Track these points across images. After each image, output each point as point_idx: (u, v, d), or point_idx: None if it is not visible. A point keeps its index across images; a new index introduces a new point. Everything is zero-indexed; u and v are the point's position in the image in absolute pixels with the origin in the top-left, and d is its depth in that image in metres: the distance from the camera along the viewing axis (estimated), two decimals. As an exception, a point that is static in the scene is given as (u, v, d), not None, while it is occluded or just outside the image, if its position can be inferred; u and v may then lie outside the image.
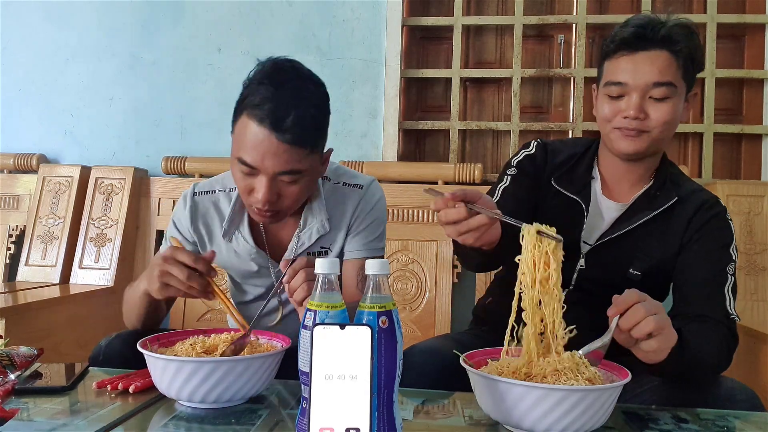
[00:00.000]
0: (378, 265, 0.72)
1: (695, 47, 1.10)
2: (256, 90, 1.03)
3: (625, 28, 1.10)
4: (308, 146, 1.03)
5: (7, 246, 2.25)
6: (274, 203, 1.06)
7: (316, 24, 2.29)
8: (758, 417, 0.90)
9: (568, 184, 1.20)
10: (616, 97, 1.10)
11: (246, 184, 1.06)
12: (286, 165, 1.02)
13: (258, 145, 1.01)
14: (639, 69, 1.07)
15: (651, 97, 1.08)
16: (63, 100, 2.42)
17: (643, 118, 1.08)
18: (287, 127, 0.99)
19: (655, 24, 1.08)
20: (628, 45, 1.09)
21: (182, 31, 2.37)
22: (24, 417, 0.81)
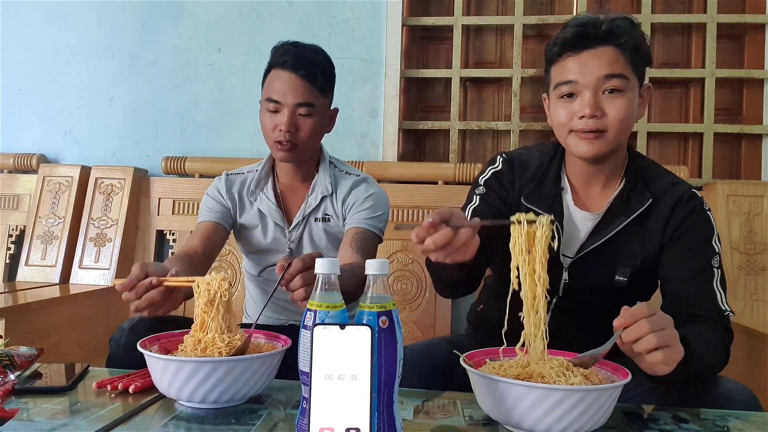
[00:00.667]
0: (378, 265, 0.72)
1: (640, 39, 1.07)
2: (278, 50, 1.34)
3: (566, 30, 1.08)
4: (318, 83, 1.31)
5: (7, 246, 2.25)
6: (293, 134, 1.31)
7: (316, 24, 2.29)
8: (758, 417, 0.90)
9: (538, 200, 1.16)
10: (568, 96, 1.08)
11: (272, 121, 1.32)
12: (302, 97, 1.30)
13: (281, 83, 1.31)
14: (587, 66, 1.05)
15: (605, 92, 1.05)
16: (63, 100, 2.42)
17: (600, 116, 1.05)
18: (303, 65, 1.30)
19: (596, 21, 1.06)
20: (572, 45, 1.06)
21: (182, 31, 2.37)
22: (24, 417, 0.81)
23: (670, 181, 1.16)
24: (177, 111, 2.37)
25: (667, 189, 1.13)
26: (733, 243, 1.94)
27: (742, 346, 1.58)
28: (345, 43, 2.28)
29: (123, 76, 2.40)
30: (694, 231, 1.10)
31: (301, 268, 0.94)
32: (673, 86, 2.29)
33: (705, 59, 2.20)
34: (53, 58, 2.43)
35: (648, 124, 2.23)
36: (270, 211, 1.42)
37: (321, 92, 1.33)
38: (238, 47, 2.34)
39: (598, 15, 1.07)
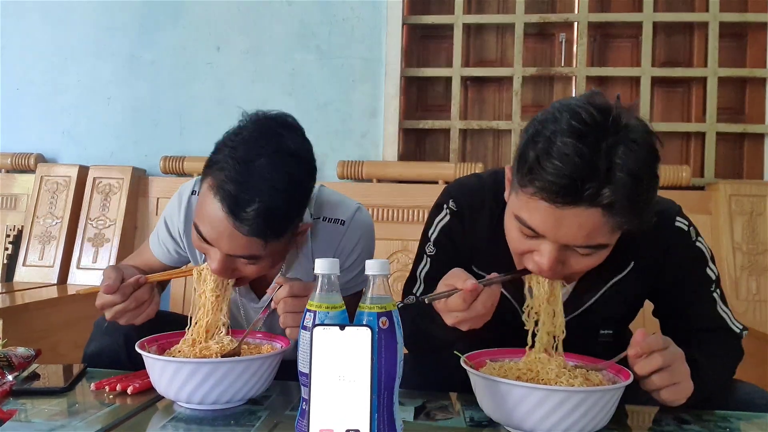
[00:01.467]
0: (378, 266, 0.71)
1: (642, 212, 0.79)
2: (225, 158, 0.91)
3: (548, 172, 0.76)
4: (269, 237, 0.92)
5: (5, 246, 2.25)
6: (230, 275, 0.98)
7: (316, 23, 2.29)
8: (760, 418, 0.90)
9: (493, 264, 0.93)
10: (529, 236, 0.85)
11: (201, 248, 0.97)
12: (242, 250, 0.93)
13: (214, 224, 0.91)
14: (562, 226, 0.79)
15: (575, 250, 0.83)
16: (61, 100, 2.42)
17: (559, 269, 0.84)
18: (247, 216, 0.88)
19: (593, 180, 0.75)
20: (551, 198, 0.78)
21: (181, 30, 2.36)
22: (22, 418, 0.81)
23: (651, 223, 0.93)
24: (176, 110, 2.36)
25: (650, 239, 0.94)
26: (735, 243, 1.93)
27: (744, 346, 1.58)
28: (345, 42, 2.27)
29: (121, 76, 2.39)
30: (687, 272, 1.00)
31: (287, 294, 0.90)
32: (675, 85, 2.28)
33: (707, 58, 2.20)
34: (52, 58, 2.42)
35: (650, 124, 2.22)
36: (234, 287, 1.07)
37: (275, 239, 0.93)
38: (237, 46, 2.33)
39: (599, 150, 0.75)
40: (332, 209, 1.13)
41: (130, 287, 0.96)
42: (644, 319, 1.80)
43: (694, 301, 1.02)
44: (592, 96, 0.81)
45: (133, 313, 0.99)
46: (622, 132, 0.77)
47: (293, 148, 0.93)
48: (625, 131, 0.77)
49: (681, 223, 0.99)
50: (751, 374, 1.54)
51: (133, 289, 0.97)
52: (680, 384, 0.81)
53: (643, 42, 2.21)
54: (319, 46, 2.29)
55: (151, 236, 1.24)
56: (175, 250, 1.18)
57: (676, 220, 0.99)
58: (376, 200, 2.03)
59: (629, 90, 2.29)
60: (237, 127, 0.96)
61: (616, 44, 2.31)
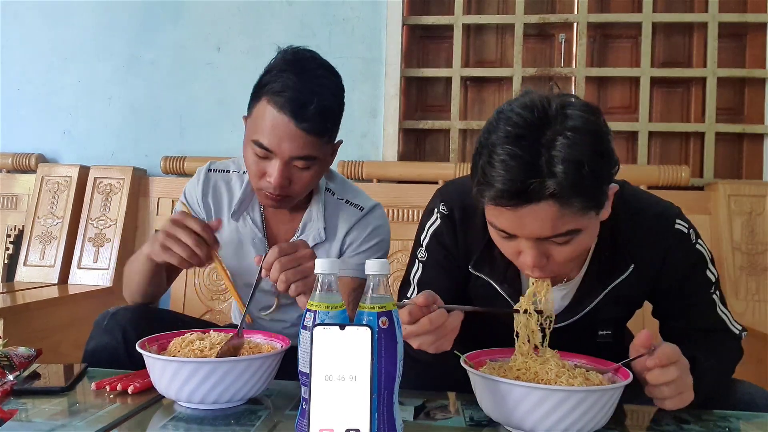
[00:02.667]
0: (378, 266, 0.71)
1: (595, 189, 0.79)
2: (277, 76, 1.04)
3: (495, 180, 0.78)
4: (325, 135, 1.07)
5: (6, 246, 2.25)
6: (285, 188, 1.08)
7: (316, 23, 2.29)
8: (760, 418, 0.90)
9: (490, 270, 0.98)
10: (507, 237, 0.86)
11: (259, 167, 1.08)
12: (302, 150, 1.04)
13: (276, 130, 1.03)
14: (526, 224, 0.81)
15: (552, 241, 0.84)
16: (61, 100, 2.42)
17: (545, 263, 0.86)
18: (308, 115, 1.02)
19: (534, 177, 0.76)
20: (502, 203, 0.80)
21: (181, 30, 2.36)
22: (22, 418, 0.81)
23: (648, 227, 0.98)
24: (176, 110, 2.37)
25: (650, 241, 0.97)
26: (734, 243, 1.93)
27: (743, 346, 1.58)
28: (345, 43, 2.27)
29: (122, 76, 2.39)
30: (687, 275, 1.00)
31: (277, 255, 0.93)
32: (674, 86, 2.29)
33: (706, 58, 2.20)
34: (52, 58, 2.42)
35: (649, 124, 2.22)
36: (253, 238, 1.22)
37: (327, 141, 1.09)
38: (237, 46, 2.33)
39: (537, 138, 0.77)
40: (355, 195, 1.26)
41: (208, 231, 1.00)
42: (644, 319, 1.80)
43: (694, 303, 1.02)
44: (524, 95, 0.83)
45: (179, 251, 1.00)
46: (558, 125, 0.78)
47: (328, 65, 1.12)
48: (562, 124, 0.78)
49: (681, 226, 0.99)
50: (751, 374, 1.54)
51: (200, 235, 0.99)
52: (684, 393, 0.83)
53: (642, 42, 2.21)
54: (320, 46, 2.27)
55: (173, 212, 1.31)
56: None
57: (676, 222, 0.99)
58: (375, 200, 2.03)
59: (629, 90, 2.30)
60: (276, 57, 1.10)
61: (615, 44, 2.32)
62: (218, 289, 2.11)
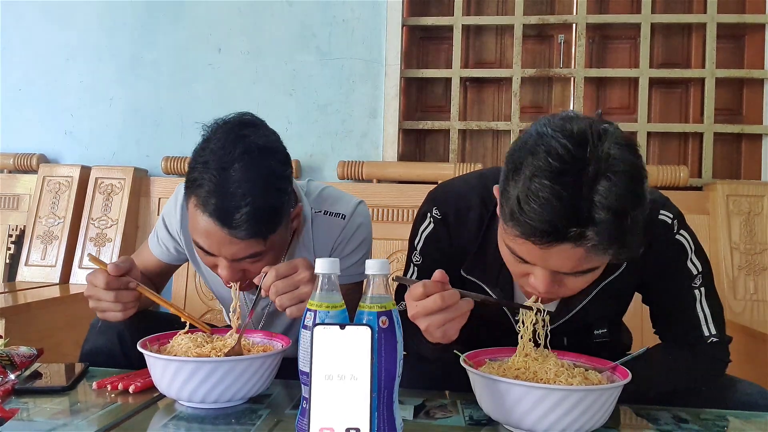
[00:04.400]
0: (378, 265, 0.72)
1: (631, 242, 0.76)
2: (201, 172, 0.92)
3: (528, 217, 0.74)
4: (267, 235, 0.95)
5: (7, 246, 2.25)
6: (241, 279, 1.00)
7: (316, 24, 2.29)
8: (759, 417, 0.90)
9: (482, 273, 0.97)
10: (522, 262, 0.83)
11: (208, 261, 1.00)
12: (244, 252, 0.95)
13: (212, 237, 0.94)
14: (549, 259, 0.78)
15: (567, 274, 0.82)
16: (63, 100, 2.42)
17: (556, 290, 0.84)
18: (238, 224, 0.91)
19: (573, 222, 0.73)
20: (533, 240, 0.77)
21: (182, 31, 2.37)
22: (24, 417, 0.81)
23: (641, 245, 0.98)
24: (177, 111, 2.37)
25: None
26: (733, 243, 1.94)
27: (742, 346, 1.58)
28: (345, 43, 2.28)
29: (123, 76, 2.40)
30: (666, 263, 0.99)
31: (274, 278, 0.91)
32: (673, 86, 2.29)
33: (705, 59, 2.20)
34: (53, 58, 2.43)
35: (648, 124, 2.23)
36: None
37: (272, 233, 0.97)
38: (238, 47, 2.33)
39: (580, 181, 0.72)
40: (333, 204, 1.17)
41: (116, 283, 0.96)
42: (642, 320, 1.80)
43: (673, 296, 1.00)
44: (569, 121, 0.77)
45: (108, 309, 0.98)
46: (602, 164, 0.73)
47: (261, 143, 0.95)
48: (606, 163, 0.73)
49: (665, 216, 0.98)
50: (751, 374, 1.54)
51: (118, 287, 0.97)
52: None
53: (641, 43, 2.22)
54: (320, 47, 2.29)
55: (149, 238, 1.26)
56: (174, 248, 1.21)
57: (660, 213, 0.98)
58: (376, 200, 2.03)
59: (627, 91, 2.30)
60: (202, 141, 0.96)
61: (614, 45, 2.32)
62: (210, 292, 2.11)
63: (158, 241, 1.22)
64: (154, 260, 1.23)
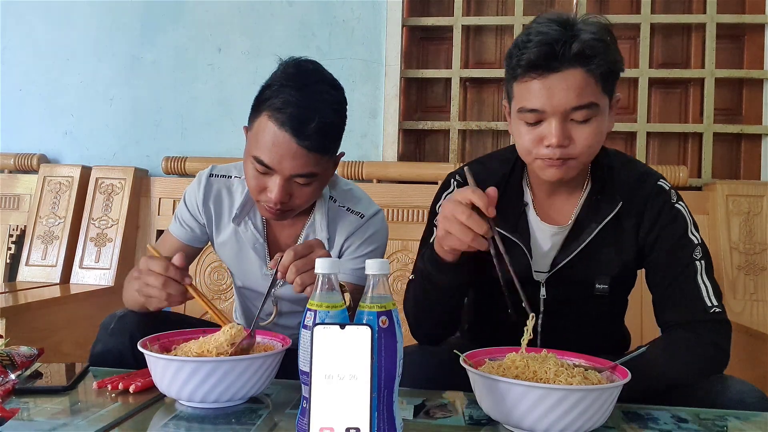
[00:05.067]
0: (378, 265, 0.72)
1: (613, 58, 0.96)
2: (278, 91, 1.03)
3: (530, 47, 0.94)
4: (326, 151, 1.06)
5: (8, 246, 2.26)
6: (286, 203, 1.08)
7: (316, 24, 2.29)
8: (759, 417, 0.90)
9: (501, 220, 1.05)
10: (533, 123, 0.98)
11: (259, 182, 1.07)
12: (303, 168, 1.04)
13: (277, 147, 1.02)
14: (554, 93, 0.94)
15: (573, 120, 0.97)
16: (63, 100, 2.42)
17: (567, 144, 0.97)
18: (309, 133, 1.01)
19: (564, 39, 0.93)
20: (537, 67, 0.94)
21: (182, 31, 2.37)
22: (24, 417, 0.81)
23: (636, 176, 1.10)
24: (177, 111, 2.37)
25: (635, 187, 1.08)
26: (732, 243, 1.94)
27: (742, 346, 1.58)
28: (345, 43, 2.28)
29: (123, 76, 2.40)
30: (668, 230, 1.06)
31: (292, 258, 0.93)
32: (672, 86, 2.29)
33: (704, 59, 2.20)
34: (53, 58, 2.43)
35: (648, 124, 2.23)
36: (254, 244, 1.22)
37: (329, 157, 1.09)
38: (238, 47, 2.34)
39: (569, 22, 0.95)
40: (356, 203, 1.25)
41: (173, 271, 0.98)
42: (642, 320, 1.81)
43: (675, 265, 1.04)
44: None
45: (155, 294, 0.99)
46: (581, 19, 0.97)
47: (331, 78, 1.10)
48: (583, 19, 0.97)
49: (663, 183, 1.09)
50: (751, 374, 1.55)
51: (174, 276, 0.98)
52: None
53: (640, 43, 2.22)
54: (320, 47, 2.29)
55: (169, 227, 1.30)
56: (198, 228, 1.26)
57: (658, 180, 1.10)
58: (376, 200, 1.99)
59: (627, 91, 2.30)
60: (277, 70, 1.09)
61: (614, 45, 2.32)
62: (219, 289, 2.12)
63: (180, 224, 1.27)
64: (176, 244, 1.26)
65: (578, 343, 0.95)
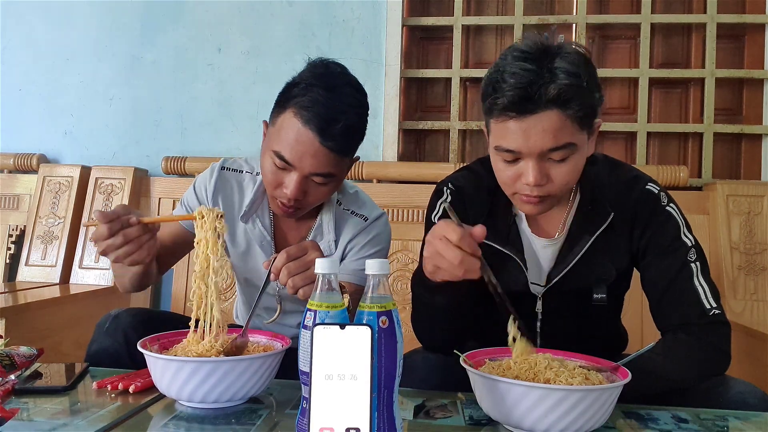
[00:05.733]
0: (378, 265, 0.72)
1: (590, 100, 0.94)
2: (306, 90, 1.03)
3: (506, 90, 0.93)
4: (347, 155, 1.08)
5: (8, 246, 2.25)
6: (300, 200, 1.08)
7: (316, 24, 2.29)
8: (759, 417, 0.90)
9: (493, 235, 1.05)
10: (511, 161, 0.98)
11: (276, 177, 1.07)
12: (323, 168, 1.05)
13: (300, 145, 1.03)
14: (530, 135, 0.93)
15: (550, 158, 0.96)
16: (63, 100, 2.42)
17: (545, 183, 0.97)
18: (334, 134, 1.02)
19: (541, 83, 0.91)
20: (513, 109, 0.93)
21: (182, 31, 2.37)
22: (24, 417, 0.81)
23: (624, 182, 1.09)
24: (177, 111, 2.37)
25: (624, 193, 1.07)
26: (732, 243, 1.94)
27: (742, 346, 1.58)
28: (345, 43, 2.28)
29: (123, 76, 2.40)
30: (660, 234, 1.05)
31: (285, 260, 0.93)
32: (672, 86, 2.29)
33: (705, 59, 2.20)
34: (53, 58, 2.43)
35: (648, 124, 2.23)
36: (261, 241, 1.22)
37: (348, 159, 1.10)
38: (238, 47, 2.34)
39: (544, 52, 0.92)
40: (360, 206, 1.26)
41: (118, 223, 0.95)
42: (642, 320, 1.80)
43: (669, 270, 1.03)
44: (528, 37, 0.97)
45: (122, 251, 0.96)
46: (558, 50, 0.93)
47: (356, 82, 1.10)
48: (560, 48, 0.94)
49: (652, 187, 1.08)
50: (750, 374, 1.55)
51: (122, 227, 0.95)
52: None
53: (641, 43, 2.22)
54: (320, 47, 2.29)
55: (174, 211, 1.29)
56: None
57: (647, 184, 1.09)
58: (376, 200, 2.00)
59: (627, 91, 2.30)
60: (305, 69, 1.09)
61: (614, 45, 2.32)
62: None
63: (185, 209, 1.26)
64: (177, 228, 1.23)
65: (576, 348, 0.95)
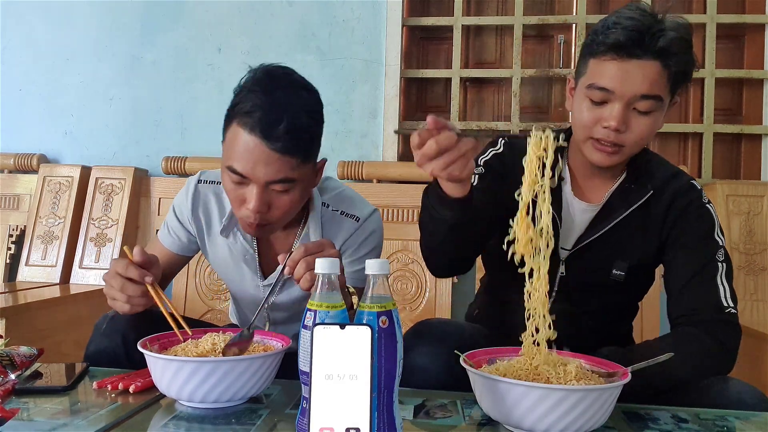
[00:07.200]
0: (378, 265, 0.72)
1: (690, 62, 1.02)
2: (246, 97, 1.01)
3: (619, 29, 0.98)
4: (300, 155, 1.01)
5: (8, 246, 2.25)
6: (264, 214, 1.04)
7: (316, 24, 2.29)
8: (759, 417, 0.90)
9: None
10: (598, 102, 1.02)
11: (237, 194, 1.04)
12: (277, 173, 1.00)
13: (248, 154, 0.98)
14: (629, 78, 0.98)
15: (635, 108, 1.01)
16: (63, 100, 2.42)
17: (624, 131, 1.01)
18: (278, 135, 0.97)
19: (653, 31, 0.97)
20: (620, 49, 0.98)
21: (182, 31, 2.37)
22: (24, 417, 0.81)
23: (671, 173, 1.14)
24: (177, 111, 2.37)
25: (667, 181, 1.12)
26: (732, 243, 1.94)
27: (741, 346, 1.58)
28: (345, 43, 2.28)
29: (123, 76, 2.40)
30: (693, 226, 1.08)
31: (303, 253, 0.92)
32: (673, 86, 2.29)
33: (705, 59, 2.20)
34: (53, 58, 2.43)
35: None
36: (244, 255, 1.19)
37: (304, 160, 1.03)
38: (238, 47, 2.34)
39: (657, 17, 0.99)
40: (350, 206, 1.21)
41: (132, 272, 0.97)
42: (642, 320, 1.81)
43: (697, 262, 1.06)
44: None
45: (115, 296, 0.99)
46: (668, 15, 1.00)
47: (302, 81, 1.06)
48: (669, 15, 1.00)
49: (696, 183, 1.14)
50: (751, 374, 1.55)
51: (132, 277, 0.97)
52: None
53: (641, 43, 2.22)
54: (320, 47, 2.30)
55: (159, 231, 1.29)
56: (187, 238, 1.24)
57: (692, 179, 1.14)
58: (376, 200, 2.03)
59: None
60: (246, 77, 1.06)
61: (614, 45, 2.32)
62: (219, 289, 2.12)
63: (169, 232, 1.24)
64: (164, 252, 1.24)
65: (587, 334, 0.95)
